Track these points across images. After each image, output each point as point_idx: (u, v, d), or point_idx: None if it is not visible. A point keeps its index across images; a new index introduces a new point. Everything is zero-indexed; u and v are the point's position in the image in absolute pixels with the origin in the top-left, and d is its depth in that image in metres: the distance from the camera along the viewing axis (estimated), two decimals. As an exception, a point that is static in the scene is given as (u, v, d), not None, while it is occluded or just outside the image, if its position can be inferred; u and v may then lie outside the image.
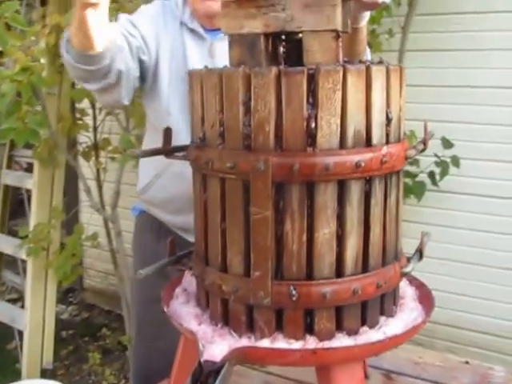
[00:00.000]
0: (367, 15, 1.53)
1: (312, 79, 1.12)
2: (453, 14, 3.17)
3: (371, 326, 1.24)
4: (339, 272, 1.19)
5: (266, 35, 1.22)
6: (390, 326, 1.25)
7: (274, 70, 1.12)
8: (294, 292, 1.17)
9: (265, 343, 1.20)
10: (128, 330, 3.90)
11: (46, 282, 3.85)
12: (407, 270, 1.30)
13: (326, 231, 1.17)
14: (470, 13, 3.14)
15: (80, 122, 3.78)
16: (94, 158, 3.85)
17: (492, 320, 3.31)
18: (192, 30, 1.92)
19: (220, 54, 1.86)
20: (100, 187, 3.91)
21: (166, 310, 1.36)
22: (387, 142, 1.21)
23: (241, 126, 1.16)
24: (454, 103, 3.20)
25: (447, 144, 3.05)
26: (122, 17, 1.91)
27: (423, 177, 3.15)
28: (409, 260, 1.35)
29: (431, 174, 3.14)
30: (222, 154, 1.20)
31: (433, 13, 3.15)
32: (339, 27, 1.17)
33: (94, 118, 3.91)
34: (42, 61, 3.25)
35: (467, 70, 3.18)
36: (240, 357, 1.16)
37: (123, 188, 3.70)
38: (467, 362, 1.84)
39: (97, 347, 4.29)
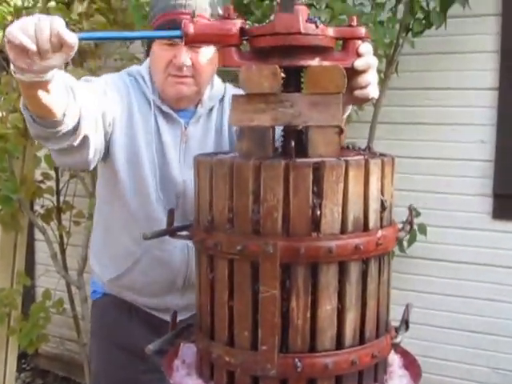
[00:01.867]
0: (349, 108, 1.63)
1: (317, 172, 1.24)
2: (421, 89, 3.39)
3: (367, 394, 1.35)
4: (339, 344, 1.30)
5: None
6: (384, 393, 1.37)
7: (283, 163, 1.24)
8: (298, 364, 1.27)
9: (270, 413, 1.29)
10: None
11: (7, 350, 3.82)
12: (397, 341, 1.43)
13: (327, 307, 1.28)
14: (436, 88, 3.36)
15: (43, 184, 3.82)
16: (56, 222, 3.89)
17: (457, 381, 3.46)
18: (163, 112, 1.90)
19: (192, 140, 1.91)
20: (63, 251, 3.94)
21: (170, 382, 1.44)
22: (381, 226, 1.34)
23: (250, 212, 1.27)
24: (420, 173, 3.39)
25: (415, 212, 3.21)
26: (92, 79, 1.86)
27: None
28: (396, 331, 1.47)
29: (399, 242, 3.28)
30: (231, 238, 1.30)
31: (402, 87, 3.34)
32: (342, 123, 1.31)
33: (57, 180, 3.95)
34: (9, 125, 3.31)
35: (434, 142, 3.40)
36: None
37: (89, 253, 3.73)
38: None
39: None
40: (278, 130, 1.41)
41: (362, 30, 1.42)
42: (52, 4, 3.23)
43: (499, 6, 3.20)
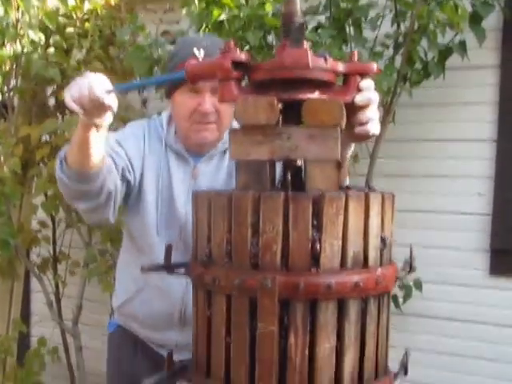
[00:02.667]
0: (352, 146, 1.63)
1: (317, 204, 1.23)
2: (417, 141, 3.37)
3: None
4: (338, 385, 1.27)
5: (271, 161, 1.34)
6: None
7: (283, 194, 1.23)
8: (296, 404, 1.23)
9: None
10: None
11: (2, 398, 3.76)
12: (396, 384, 1.39)
13: (326, 346, 1.25)
14: (432, 140, 3.34)
15: (39, 234, 3.82)
16: (52, 272, 3.87)
17: None
18: (176, 152, 1.99)
19: (202, 176, 1.98)
20: (59, 301, 3.91)
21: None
22: (381, 264, 1.32)
23: (249, 245, 1.25)
24: (417, 228, 3.33)
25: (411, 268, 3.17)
26: (109, 136, 1.94)
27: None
28: (395, 375, 1.44)
29: (394, 298, 3.23)
30: (228, 273, 1.27)
31: (398, 139, 3.32)
32: (340, 158, 1.29)
33: (54, 230, 3.95)
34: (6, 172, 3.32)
35: (430, 195, 3.37)
36: None
37: (84, 303, 3.70)
38: None
39: None
40: (279, 165, 1.41)
41: (374, 66, 1.41)
42: (51, 50, 3.27)
43: (498, 57, 3.21)
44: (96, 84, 1.47)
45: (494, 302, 3.26)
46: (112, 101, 1.50)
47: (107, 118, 1.57)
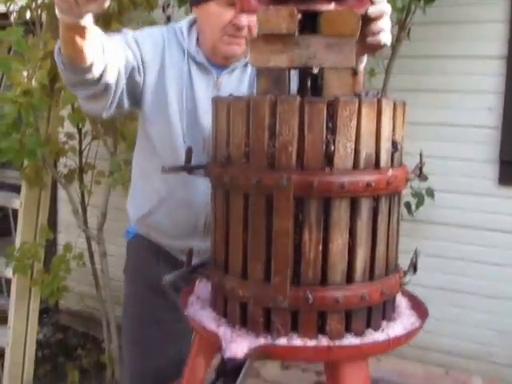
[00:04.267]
0: (365, 58, 1.64)
1: (331, 108, 1.27)
2: (431, 57, 3.44)
3: (375, 329, 1.39)
4: (350, 279, 1.33)
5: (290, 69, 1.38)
6: (392, 329, 1.40)
7: (299, 98, 1.28)
8: (309, 296, 1.31)
9: (282, 342, 1.33)
10: (108, 349, 3.98)
11: (30, 301, 3.92)
12: (405, 280, 1.46)
13: (339, 242, 1.31)
14: (447, 56, 3.40)
15: (66, 145, 3.90)
16: (78, 181, 3.97)
17: (458, 343, 3.51)
18: (198, 62, 1.99)
19: (224, 87, 1.98)
20: (85, 210, 4.02)
21: (186, 313, 1.49)
22: (392, 166, 1.37)
23: (266, 147, 1.31)
24: (429, 139, 3.41)
25: (422, 177, 3.23)
26: (128, 33, 1.96)
27: (399, 207, 3.34)
28: (405, 273, 1.51)
29: (407, 205, 3.33)
30: (246, 172, 1.34)
31: (413, 56, 3.38)
32: (355, 65, 1.34)
33: (80, 142, 4.03)
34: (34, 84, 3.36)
35: (443, 109, 3.43)
36: (261, 354, 1.30)
37: (108, 212, 3.81)
38: (447, 372, 1.99)
39: (74, 367, 4.35)
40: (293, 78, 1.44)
41: None
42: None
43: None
44: None
45: (503, 210, 3.39)
46: None
47: (87, 18, 1.51)
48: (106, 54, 1.71)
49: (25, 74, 3.06)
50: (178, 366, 2.01)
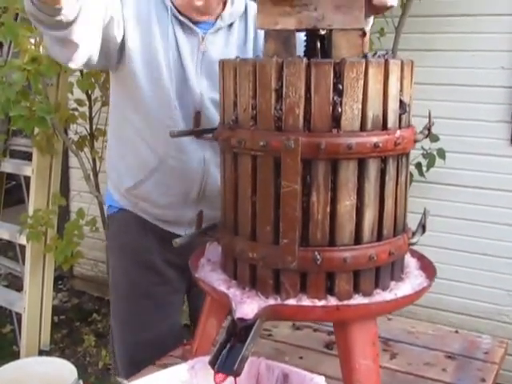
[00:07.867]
0: (371, 20, 1.61)
1: (338, 69, 1.27)
2: (442, 16, 3.39)
3: (383, 289, 1.40)
4: (357, 240, 1.35)
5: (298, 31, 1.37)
6: (400, 289, 1.42)
7: (305, 60, 1.27)
8: (318, 257, 1.32)
9: (291, 302, 1.35)
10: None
11: (44, 267, 3.97)
12: (413, 240, 1.48)
13: (347, 203, 1.32)
14: (458, 15, 3.36)
15: (76, 112, 3.91)
16: (89, 148, 3.99)
17: (471, 302, 3.53)
18: (181, 23, 1.88)
19: (211, 50, 1.89)
20: (96, 175, 4.04)
21: (196, 276, 1.51)
22: (400, 127, 1.37)
23: (272, 109, 1.31)
24: (440, 100, 3.40)
25: (433, 137, 3.23)
26: None
27: (411, 168, 3.33)
28: (413, 233, 1.52)
29: (418, 166, 3.33)
30: (254, 134, 1.34)
31: (423, 15, 3.34)
32: (364, 26, 1.33)
33: (90, 108, 4.03)
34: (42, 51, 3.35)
35: (454, 69, 3.41)
36: (271, 314, 1.32)
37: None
38: (457, 331, 2.01)
39: (89, 331, 4.42)
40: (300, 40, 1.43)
41: None
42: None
43: None
44: None
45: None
46: None
47: None
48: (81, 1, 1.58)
49: (32, 41, 3.05)
50: (175, 337, 2.05)
